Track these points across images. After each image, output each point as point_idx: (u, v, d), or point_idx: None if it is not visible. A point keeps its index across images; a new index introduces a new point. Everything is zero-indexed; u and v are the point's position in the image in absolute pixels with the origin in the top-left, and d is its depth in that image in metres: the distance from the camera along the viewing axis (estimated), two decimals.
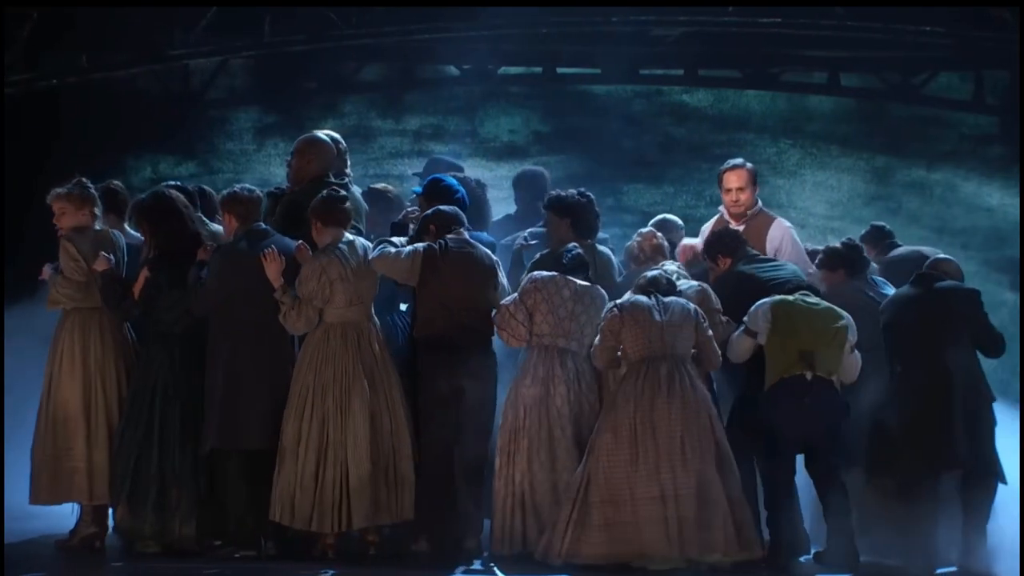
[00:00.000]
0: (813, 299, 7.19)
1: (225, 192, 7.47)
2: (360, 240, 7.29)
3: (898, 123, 12.49)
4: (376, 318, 7.28)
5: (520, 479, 7.07)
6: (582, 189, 7.73)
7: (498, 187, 12.41)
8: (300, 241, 7.23)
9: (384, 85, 12.38)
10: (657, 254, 7.60)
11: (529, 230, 7.83)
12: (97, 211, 7.50)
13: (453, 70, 12.33)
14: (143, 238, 7.48)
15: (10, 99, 10.69)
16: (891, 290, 7.57)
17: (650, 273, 7.25)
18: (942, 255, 7.66)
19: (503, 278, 7.33)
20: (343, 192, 7.33)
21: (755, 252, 7.64)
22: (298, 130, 12.53)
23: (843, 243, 7.76)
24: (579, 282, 7.25)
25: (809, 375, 7.06)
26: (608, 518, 6.86)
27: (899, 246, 8.20)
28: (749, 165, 8.19)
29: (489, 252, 7.31)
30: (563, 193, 7.66)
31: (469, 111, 12.39)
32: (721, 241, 7.63)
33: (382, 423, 7.10)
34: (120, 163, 12.01)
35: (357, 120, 12.31)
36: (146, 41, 10.76)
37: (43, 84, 10.74)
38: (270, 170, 12.10)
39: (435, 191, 7.57)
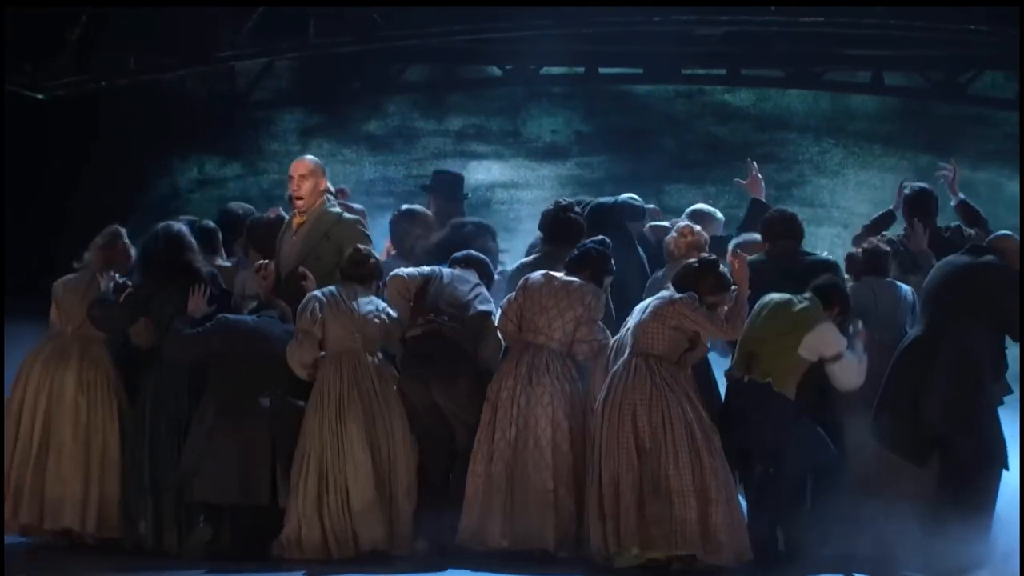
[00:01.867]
0: (806, 302, 7.08)
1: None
2: (376, 301, 7.33)
3: (942, 122, 12.42)
4: (380, 355, 7.31)
5: (470, 471, 7.19)
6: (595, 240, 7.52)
7: (540, 187, 12.48)
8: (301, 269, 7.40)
9: (427, 86, 12.45)
10: (692, 250, 7.56)
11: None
12: (88, 256, 7.60)
13: (496, 70, 12.38)
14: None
15: (60, 101, 10.84)
16: (905, 289, 7.54)
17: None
18: (1004, 232, 7.52)
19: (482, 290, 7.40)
20: (366, 251, 7.49)
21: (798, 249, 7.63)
22: (342, 131, 12.69)
23: (863, 249, 7.73)
24: (564, 277, 7.26)
25: (746, 378, 7.04)
26: None
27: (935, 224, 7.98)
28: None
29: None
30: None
31: (512, 111, 12.43)
32: (768, 224, 7.60)
33: (380, 452, 7.14)
34: (167, 164, 12.15)
35: (400, 120, 12.38)
36: (193, 43, 10.87)
37: (92, 86, 10.89)
38: None
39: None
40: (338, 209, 7.69)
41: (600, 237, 7.43)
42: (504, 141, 12.38)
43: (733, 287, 7.08)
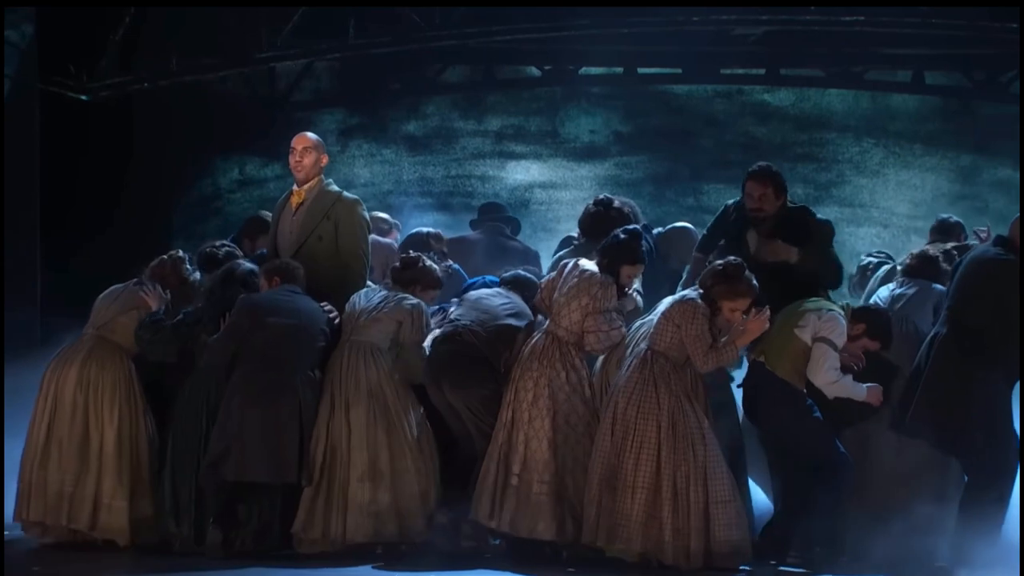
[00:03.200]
0: (833, 305, 7.05)
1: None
2: (394, 298, 7.32)
3: (984, 121, 12.34)
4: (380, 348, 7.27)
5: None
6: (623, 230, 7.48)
7: (578, 187, 12.47)
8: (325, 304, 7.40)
9: (466, 86, 12.48)
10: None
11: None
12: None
13: (534, 71, 12.40)
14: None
15: (102, 102, 10.95)
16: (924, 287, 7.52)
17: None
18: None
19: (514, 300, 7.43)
20: (416, 256, 7.51)
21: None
22: (381, 131, 12.74)
23: (912, 254, 7.66)
24: (585, 264, 7.27)
25: (752, 358, 7.07)
26: None
27: (966, 245, 7.93)
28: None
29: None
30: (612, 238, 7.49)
31: (550, 112, 12.45)
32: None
33: (332, 440, 7.14)
34: (209, 164, 12.24)
35: (439, 121, 12.42)
36: (234, 45, 10.95)
37: (135, 87, 10.99)
38: (353, 171, 12.26)
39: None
40: (336, 188, 7.67)
41: (635, 226, 7.38)
42: (543, 141, 12.39)
43: (759, 312, 6.90)
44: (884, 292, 7.60)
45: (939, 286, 7.50)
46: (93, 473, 7.34)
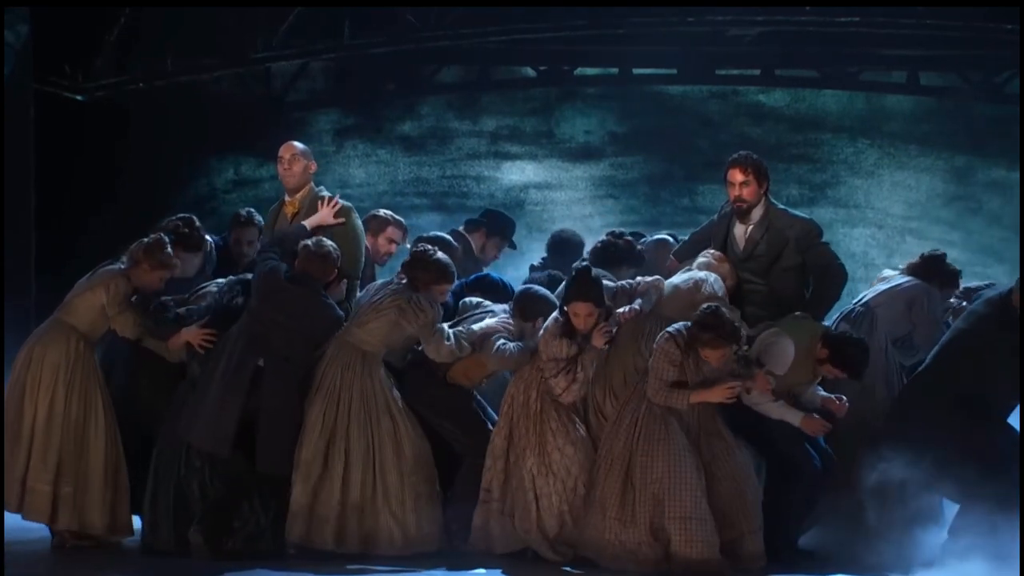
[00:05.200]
0: (811, 326, 7.01)
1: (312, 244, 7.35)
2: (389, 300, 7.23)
3: (979, 122, 12.37)
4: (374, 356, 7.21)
5: None
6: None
7: (573, 187, 12.51)
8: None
9: (461, 86, 12.50)
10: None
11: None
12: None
13: (530, 71, 12.43)
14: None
15: (98, 102, 10.97)
16: (918, 288, 7.44)
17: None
18: None
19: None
20: (427, 252, 7.39)
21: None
22: (377, 132, 12.76)
23: (921, 255, 7.56)
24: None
25: None
26: None
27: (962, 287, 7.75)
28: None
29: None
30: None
31: (545, 112, 12.47)
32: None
33: (331, 445, 7.13)
34: (204, 164, 12.25)
35: (434, 121, 12.44)
36: (230, 45, 10.97)
37: (130, 87, 11.00)
38: (349, 172, 12.27)
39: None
40: (327, 194, 7.65)
41: (584, 263, 7.15)
42: (538, 142, 12.41)
43: (742, 350, 6.79)
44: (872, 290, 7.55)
45: (922, 282, 7.36)
46: (23, 455, 7.18)
